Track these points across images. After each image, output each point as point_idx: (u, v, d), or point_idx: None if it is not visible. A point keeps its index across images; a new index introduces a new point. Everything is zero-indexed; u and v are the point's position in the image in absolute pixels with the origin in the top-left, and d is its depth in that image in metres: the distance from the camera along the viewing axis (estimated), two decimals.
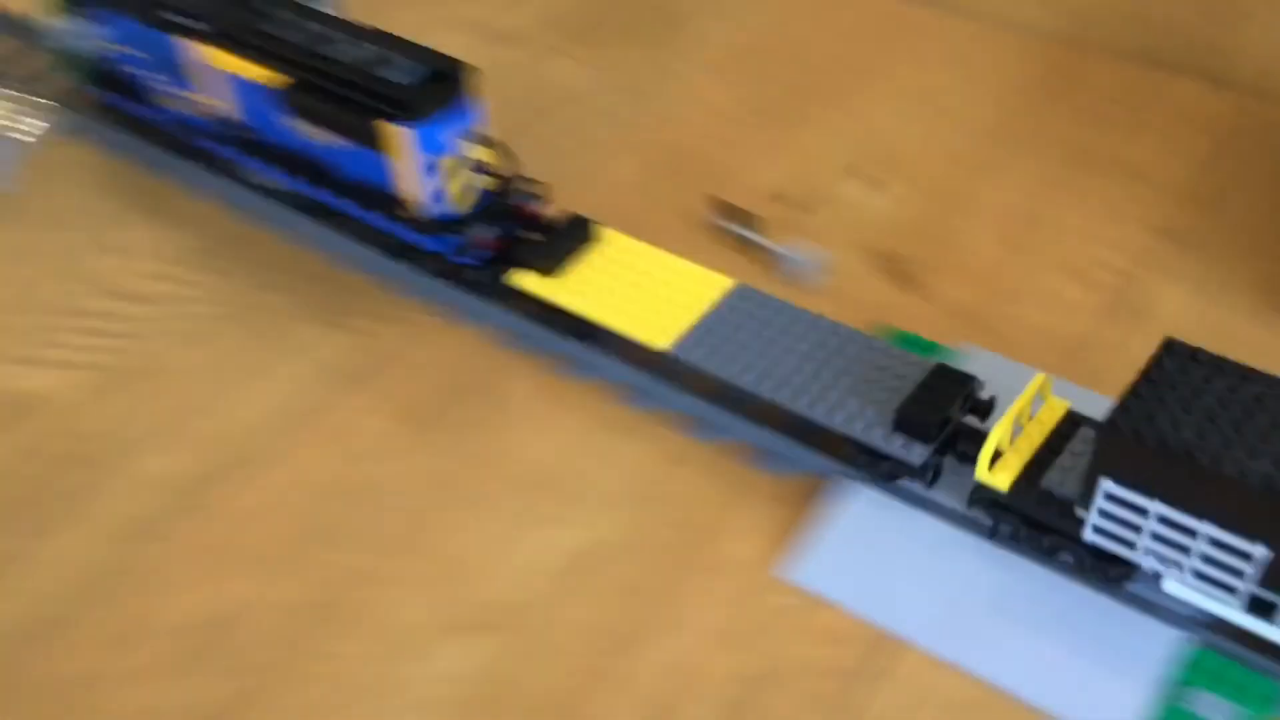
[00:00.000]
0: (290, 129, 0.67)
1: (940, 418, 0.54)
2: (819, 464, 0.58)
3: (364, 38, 0.64)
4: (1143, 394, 0.48)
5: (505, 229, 0.65)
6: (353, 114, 0.63)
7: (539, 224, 0.66)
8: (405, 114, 0.61)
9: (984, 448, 0.52)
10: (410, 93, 0.61)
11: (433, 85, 0.62)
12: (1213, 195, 0.73)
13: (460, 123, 0.63)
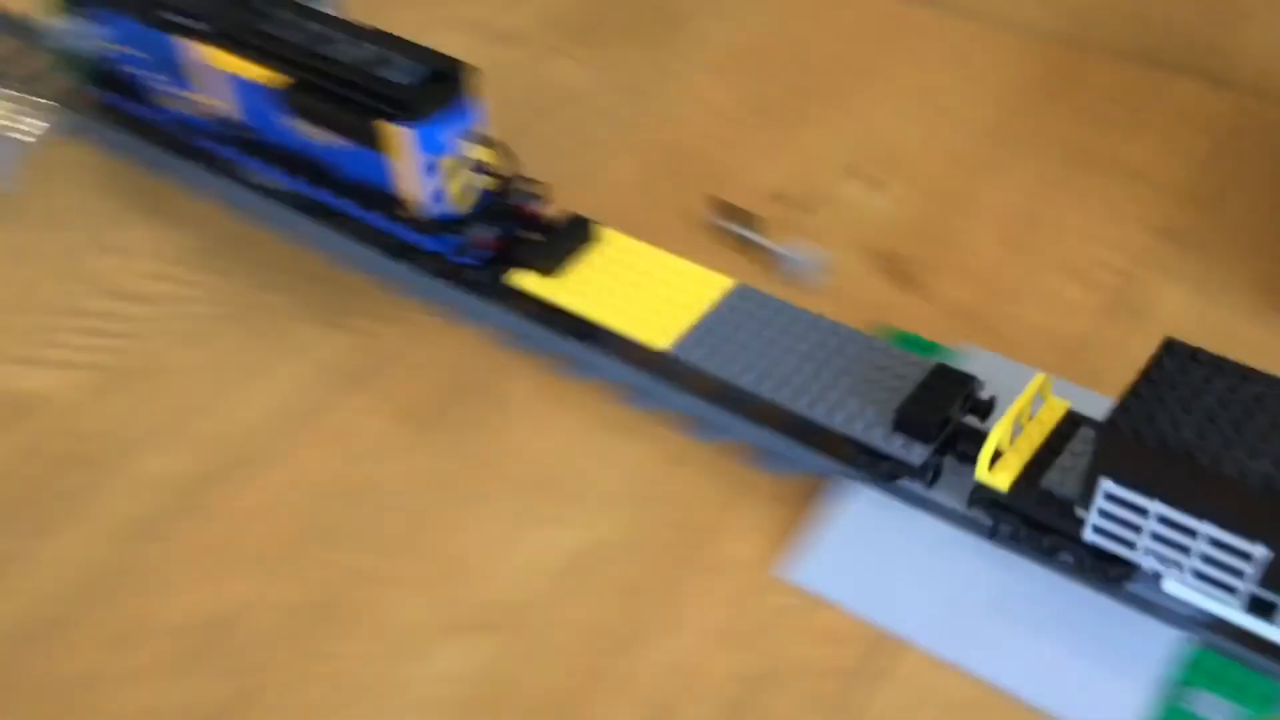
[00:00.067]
0: (290, 129, 0.67)
1: (940, 418, 0.54)
2: (819, 464, 0.58)
3: (364, 38, 0.64)
4: (1143, 394, 0.48)
5: (505, 229, 0.65)
6: (353, 114, 0.63)
7: (539, 224, 0.66)
8: (405, 114, 0.61)
9: (984, 448, 0.52)
10: (410, 93, 0.61)
11: (433, 85, 0.62)
12: (1213, 195, 0.73)
13: (460, 123, 0.63)
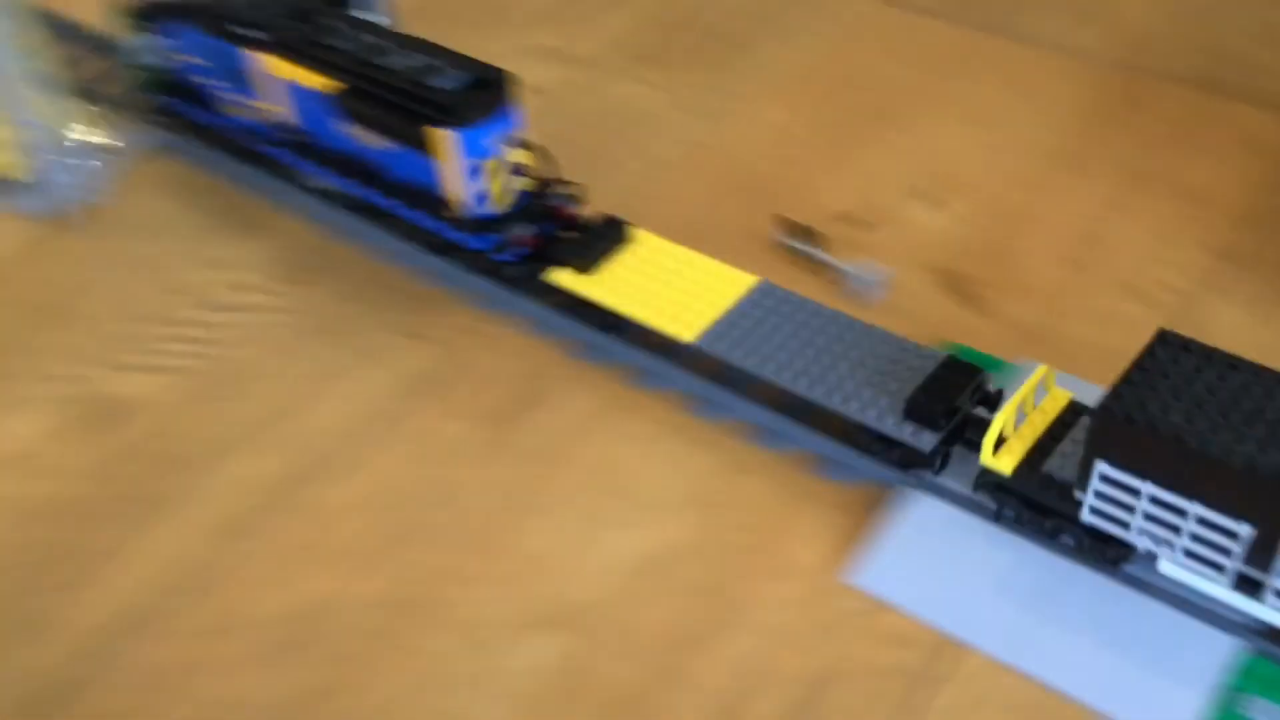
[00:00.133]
0: (344, 133, 0.71)
1: (948, 406, 0.57)
2: (881, 473, 0.60)
3: (413, 48, 0.68)
4: (1136, 380, 0.50)
5: (543, 228, 0.68)
6: (402, 119, 0.67)
7: (575, 224, 0.69)
8: (451, 119, 0.64)
9: (988, 433, 0.55)
10: (456, 99, 0.64)
11: (477, 92, 0.65)
12: (1270, 218, 0.75)
13: (502, 128, 0.66)
